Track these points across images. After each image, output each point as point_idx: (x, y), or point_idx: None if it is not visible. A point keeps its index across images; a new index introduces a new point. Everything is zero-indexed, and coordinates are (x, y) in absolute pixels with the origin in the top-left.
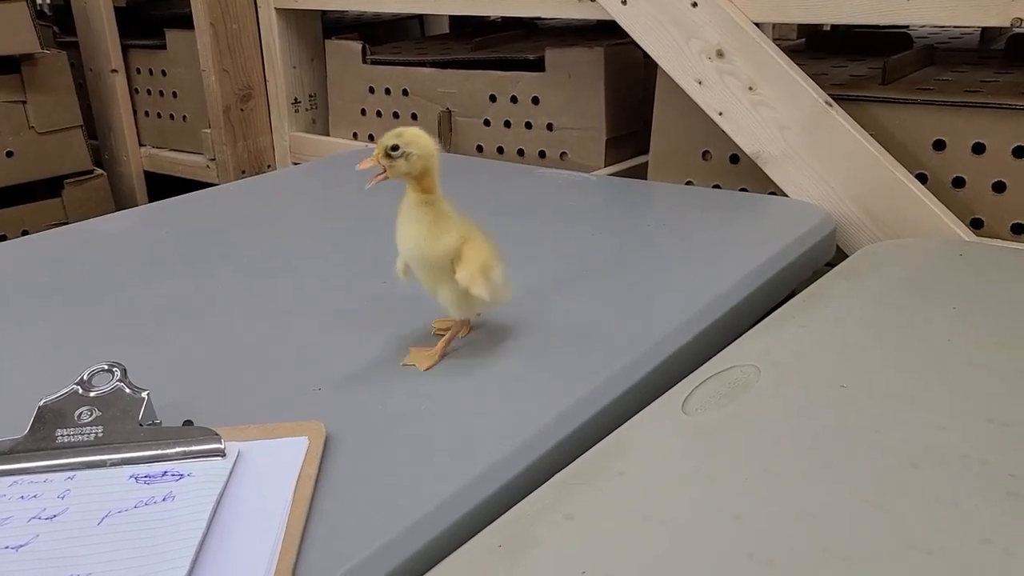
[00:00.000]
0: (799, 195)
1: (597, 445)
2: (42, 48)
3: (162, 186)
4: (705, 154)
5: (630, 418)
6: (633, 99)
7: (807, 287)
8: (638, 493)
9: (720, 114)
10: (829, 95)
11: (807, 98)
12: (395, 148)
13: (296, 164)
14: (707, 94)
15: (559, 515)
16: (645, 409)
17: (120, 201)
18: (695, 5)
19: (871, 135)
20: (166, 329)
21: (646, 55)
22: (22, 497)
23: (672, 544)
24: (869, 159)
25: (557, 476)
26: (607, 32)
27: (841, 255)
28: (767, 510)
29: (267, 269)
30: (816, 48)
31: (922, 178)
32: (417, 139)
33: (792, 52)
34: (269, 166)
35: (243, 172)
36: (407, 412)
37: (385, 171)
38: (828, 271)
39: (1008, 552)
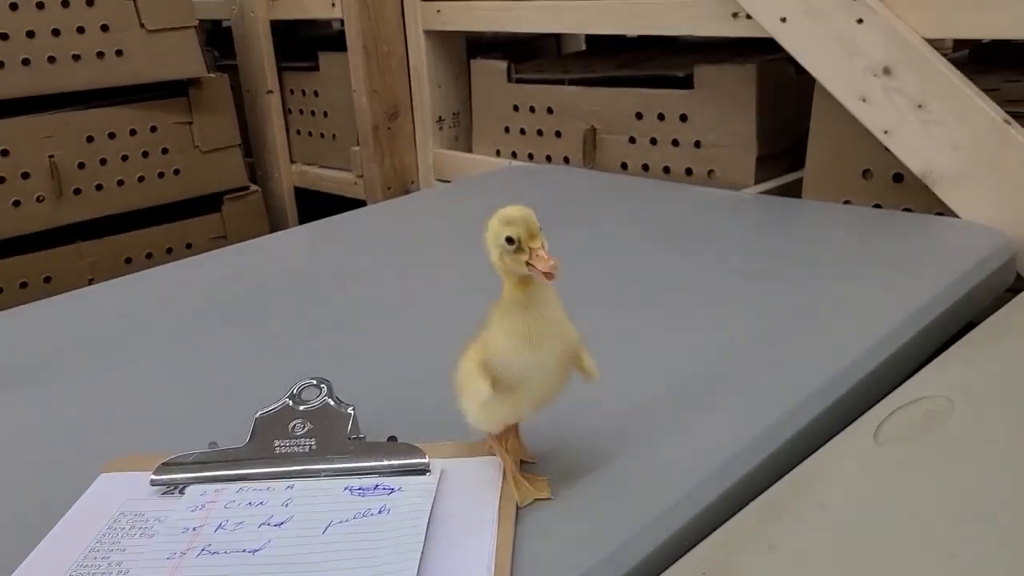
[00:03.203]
0: (972, 216)
1: (790, 473)
2: (208, 72)
3: (308, 201)
4: (865, 172)
5: (819, 447)
6: (785, 116)
7: (988, 315)
8: (841, 525)
9: (885, 132)
10: (1006, 112)
11: (983, 115)
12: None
13: (440, 181)
14: (872, 112)
15: (761, 544)
16: (836, 437)
17: (272, 215)
18: (860, 21)
19: None
20: (350, 345)
21: (799, 70)
22: (250, 503)
23: None
24: None
25: (753, 504)
26: (755, 46)
27: (1020, 282)
28: (978, 546)
29: (434, 287)
30: (982, 61)
31: None
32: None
33: (957, 66)
34: (413, 182)
35: (388, 188)
36: (601, 431)
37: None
38: (1009, 298)
39: None
